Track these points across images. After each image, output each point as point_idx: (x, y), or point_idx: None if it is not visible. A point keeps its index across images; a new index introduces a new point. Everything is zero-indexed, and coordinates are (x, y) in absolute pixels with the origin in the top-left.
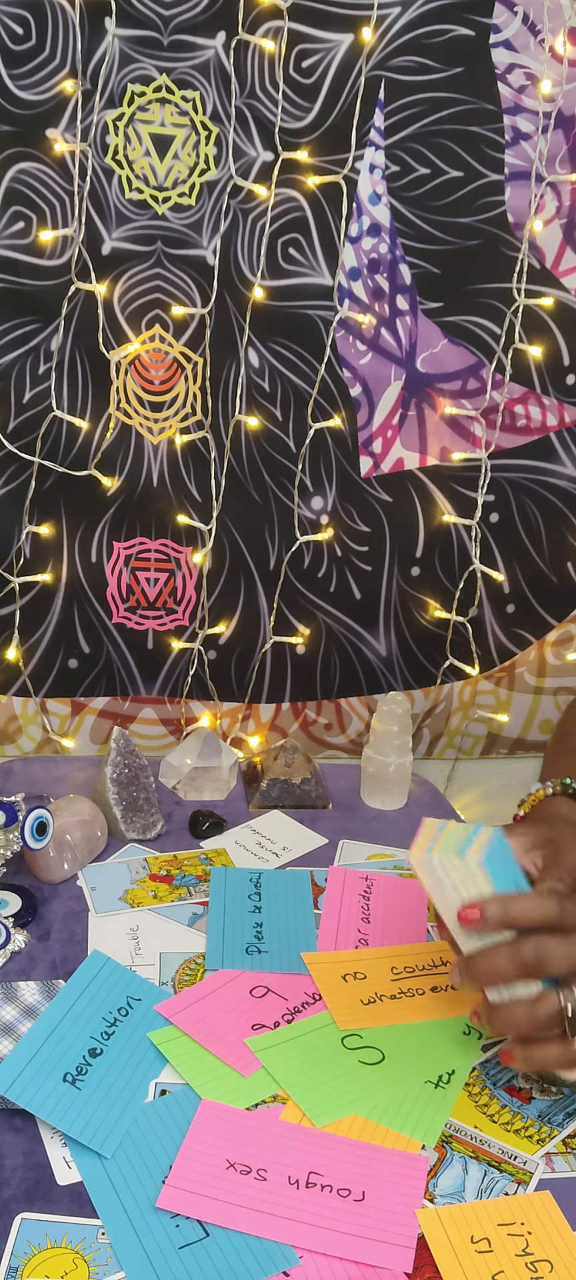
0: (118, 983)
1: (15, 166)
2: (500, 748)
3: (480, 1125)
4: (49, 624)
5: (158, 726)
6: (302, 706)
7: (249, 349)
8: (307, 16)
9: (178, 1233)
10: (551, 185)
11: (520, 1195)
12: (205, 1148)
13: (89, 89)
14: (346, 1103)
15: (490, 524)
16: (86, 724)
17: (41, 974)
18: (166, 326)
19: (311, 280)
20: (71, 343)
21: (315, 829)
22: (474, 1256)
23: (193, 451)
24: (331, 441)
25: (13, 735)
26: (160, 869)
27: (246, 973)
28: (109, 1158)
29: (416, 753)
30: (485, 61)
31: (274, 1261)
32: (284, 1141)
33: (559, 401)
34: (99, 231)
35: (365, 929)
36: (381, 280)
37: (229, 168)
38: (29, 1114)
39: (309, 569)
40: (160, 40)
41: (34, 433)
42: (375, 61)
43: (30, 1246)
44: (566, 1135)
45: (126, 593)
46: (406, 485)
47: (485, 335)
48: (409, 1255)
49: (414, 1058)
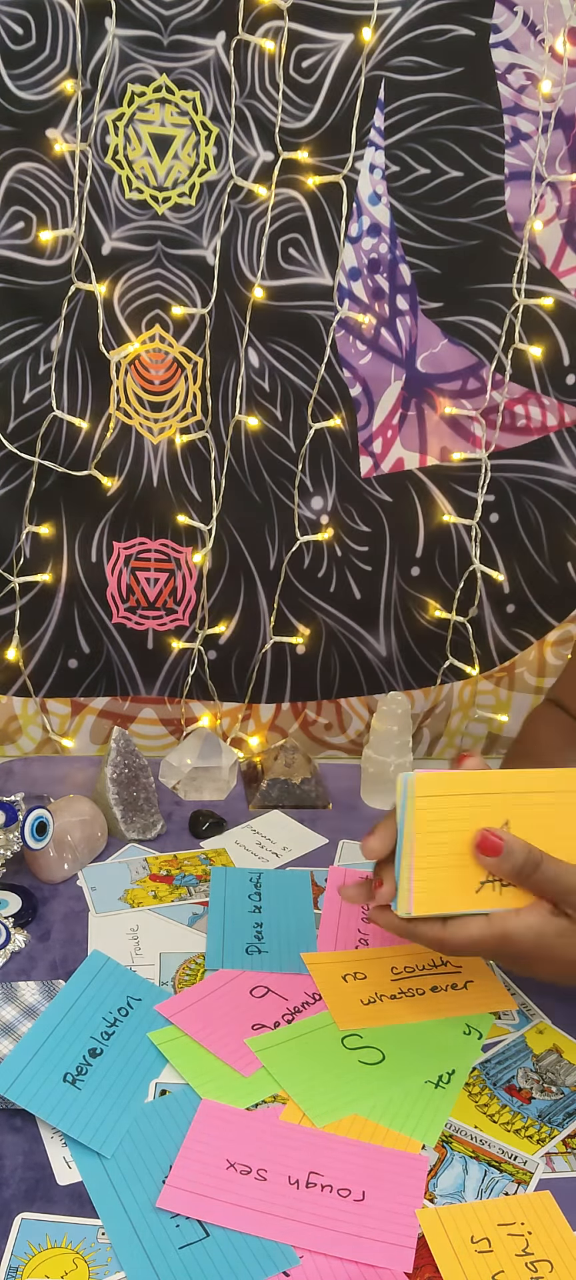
0: (118, 983)
1: (15, 166)
2: (500, 748)
3: (480, 1125)
4: (49, 624)
5: (158, 726)
6: (302, 706)
7: (249, 349)
8: (308, 16)
9: (178, 1233)
10: (551, 185)
11: (520, 1195)
12: (205, 1148)
13: (89, 89)
14: (346, 1103)
15: (490, 524)
16: (86, 724)
17: (41, 974)
18: (166, 326)
19: (311, 280)
20: (71, 343)
21: (315, 829)
22: (474, 1256)
23: (193, 451)
24: (331, 441)
25: (13, 735)
26: (160, 869)
27: (246, 973)
28: (109, 1158)
29: (416, 753)
30: (485, 61)
31: (274, 1261)
32: (284, 1141)
33: (559, 401)
34: (99, 231)
35: (365, 929)
36: (381, 280)
37: (229, 168)
38: (29, 1114)
39: (309, 569)
40: (160, 40)
41: (34, 433)
42: (375, 61)
43: (30, 1246)
44: (566, 1135)
45: (126, 593)
46: (406, 485)
47: (485, 335)
48: (409, 1255)
49: (414, 1058)
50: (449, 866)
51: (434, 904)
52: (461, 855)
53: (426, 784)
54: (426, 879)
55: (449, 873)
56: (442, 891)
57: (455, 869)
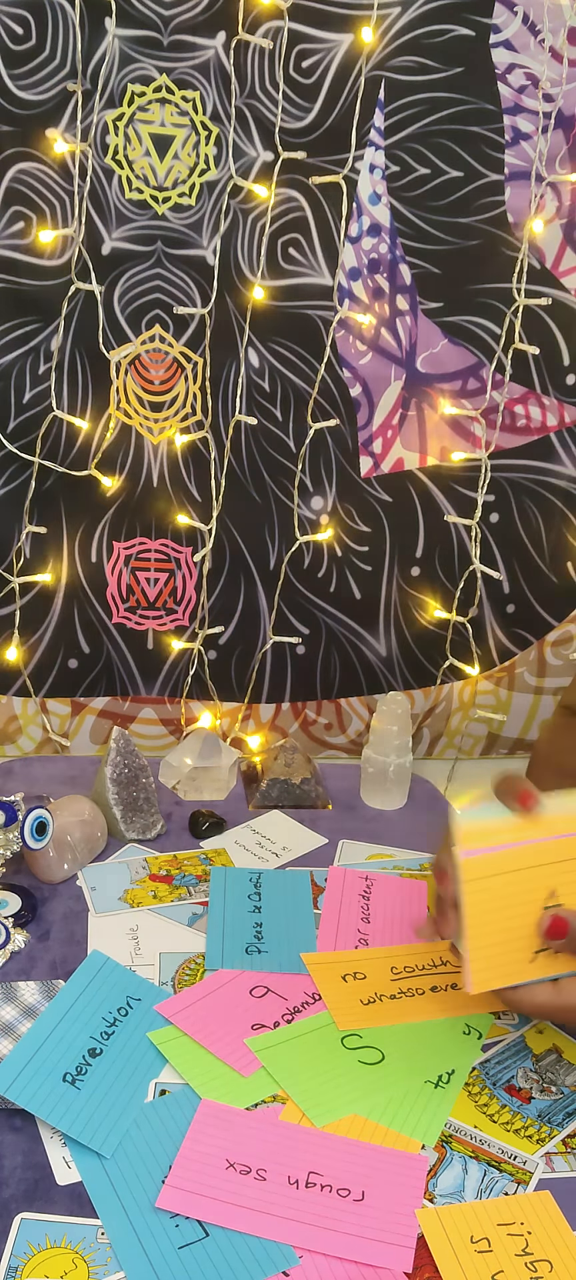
0: (117, 983)
1: (15, 166)
2: (500, 748)
3: (480, 1125)
4: (49, 624)
5: (158, 726)
6: (302, 706)
7: (249, 349)
8: (308, 16)
9: (177, 1233)
10: (551, 185)
11: (520, 1195)
12: (205, 1148)
13: (89, 89)
14: (346, 1103)
15: (490, 524)
16: (86, 724)
17: (41, 974)
18: (166, 326)
19: (311, 280)
20: (71, 343)
21: (315, 829)
22: (473, 1256)
23: (193, 451)
24: (331, 441)
25: (13, 735)
26: (160, 869)
27: (246, 973)
28: (109, 1158)
29: (416, 753)
30: (485, 61)
31: (274, 1261)
32: (284, 1141)
33: (559, 401)
34: (99, 231)
35: (365, 929)
36: (381, 280)
37: (229, 168)
38: (29, 1114)
39: (309, 569)
40: (160, 40)
41: (34, 433)
42: (375, 61)
43: (30, 1246)
44: (566, 1135)
45: (126, 593)
46: (406, 485)
47: (485, 335)
48: (408, 1255)
49: (414, 1058)
50: (502, 943)
51: (492, 979)
52: (513, 930)
53: (474, 868)
54: (482, 958)
55: (503, 949)
56: (499, 966)
57: (509, 943)
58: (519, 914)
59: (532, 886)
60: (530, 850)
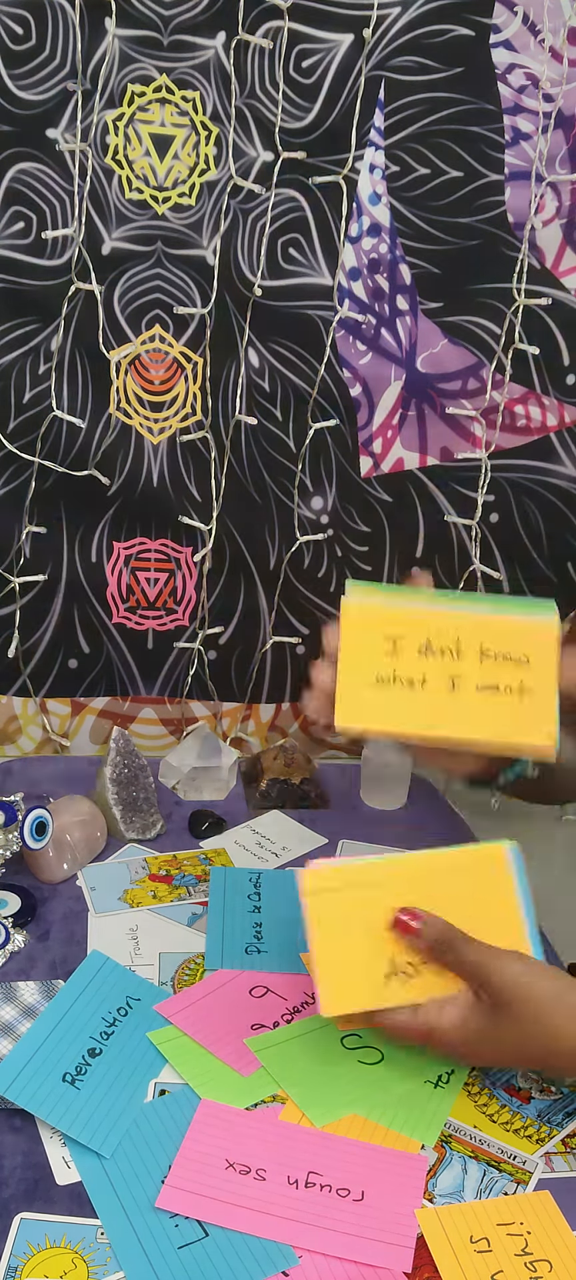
0: (117, 983)
1: (15, 166)
2: None
3: (479, 1125)
4: (49, 624)
5: (158, 726)
6: (303, 706)
7: (249, 349)
8: (308, 16)
9: (177, 1233)
10: (551, 185)
11: (519, 1195)
12: (204, 1148)
13: (89, 89)
14: (346, 1102)
15: (490, 524)
16: (86, 724)
17: (41, 974)
18: (166, 326)
19: (311, 280)
20: (71, 343)
21: (315, 829)
22: (473, 1256)
23: (193, 451)
24: (331, 441)
25: (13, 735)
26: (160, 869)
27: (246, 973)
28: (108, 1158)
29: None
30: (485, 61)
31: (273, 1261)
32: (283, 1141)
33: (559, 401)
34: (99, 231)
35: None
36: (381, 280)
37: (229, 168)
38: (28, 1114)
39: (309, 569)
40: (160, 40)
41: (34, 433)
42: (375, 61)
43: (29, 1246)
44: (565, 1135)
45: (126, 593)
46: (406, 485)
47: (485, 335)
48: (408, 1255)
49: (413, 1057)
50: (351, 963)
51: (343, 1002)
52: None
53: (316, 879)
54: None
55: (352, 969)
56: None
57: (359, 964)
58: (367, 932)
59: (380, 904)
60: (378, 866)
